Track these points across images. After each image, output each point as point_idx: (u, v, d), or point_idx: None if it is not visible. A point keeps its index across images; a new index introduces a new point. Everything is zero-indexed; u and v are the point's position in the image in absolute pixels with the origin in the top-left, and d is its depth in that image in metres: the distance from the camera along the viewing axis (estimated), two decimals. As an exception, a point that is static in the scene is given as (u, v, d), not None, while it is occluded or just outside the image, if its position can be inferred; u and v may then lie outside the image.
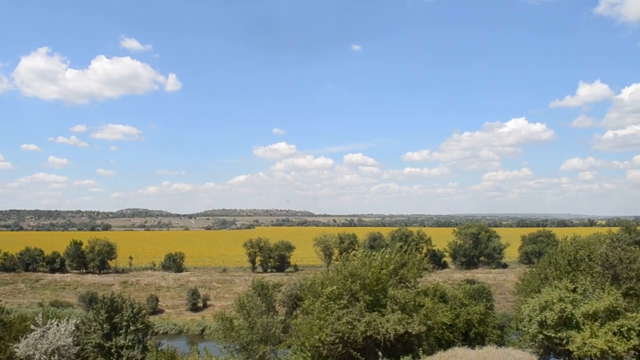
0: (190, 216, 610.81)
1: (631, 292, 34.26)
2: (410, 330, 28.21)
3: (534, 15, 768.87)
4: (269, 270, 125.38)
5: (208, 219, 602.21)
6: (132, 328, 44.48)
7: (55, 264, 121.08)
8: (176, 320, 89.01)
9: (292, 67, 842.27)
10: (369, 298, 29.36)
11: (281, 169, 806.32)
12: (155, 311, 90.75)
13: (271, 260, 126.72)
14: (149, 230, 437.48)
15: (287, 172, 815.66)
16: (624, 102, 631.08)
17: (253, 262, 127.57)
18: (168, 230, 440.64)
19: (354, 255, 33.06)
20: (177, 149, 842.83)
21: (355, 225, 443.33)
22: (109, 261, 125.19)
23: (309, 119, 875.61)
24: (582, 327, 28.99)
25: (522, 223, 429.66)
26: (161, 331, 79.54)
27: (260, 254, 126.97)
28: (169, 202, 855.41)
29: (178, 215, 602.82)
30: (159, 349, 41.32)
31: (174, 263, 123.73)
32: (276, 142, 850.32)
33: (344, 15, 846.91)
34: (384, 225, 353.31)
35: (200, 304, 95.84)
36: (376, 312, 28.85)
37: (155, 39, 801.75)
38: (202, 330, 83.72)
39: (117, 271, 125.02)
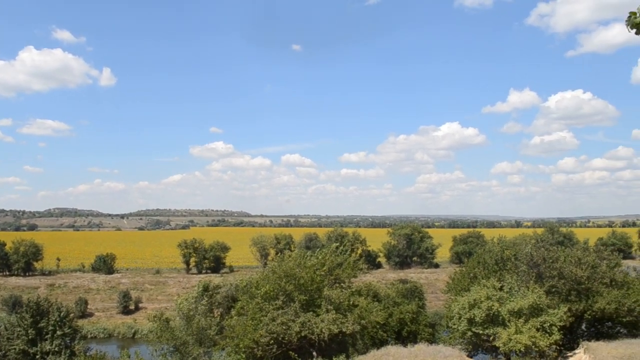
0: (122, 216, 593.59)
1: (553, 289, 35.93)
2: (344, 330, 28.59)
3: (469, 23, 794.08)
4: (203, 271, 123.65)
5: (141, 219, 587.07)
6: (58, 333, 42.93)
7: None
8: (106, 323, 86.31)
9: (231, 66, 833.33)
10: (304, 298, 29.54)
11: (218, 168, 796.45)
12: (84, 315, 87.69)
13: (206, 261, 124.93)
14: (78, 230, 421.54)
15: (224, 172, 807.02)
16: (550, 110, 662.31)
17: (187, 263, 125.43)
18: (99, 230, 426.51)
19: (289, 255, 33.17)
20: (110, 146, 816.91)
21: (291, 226, 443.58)
22: (34, 263, 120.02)
23: (247, 118, 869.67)
24: (508, 323, 30.24)
25: (453, 224, 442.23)
26: (90, 335, 76.90)
27: (195, 255, 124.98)
28: (100, 202, 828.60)
29: (109, 215, 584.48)
30: (88, 353, 40.03)
31: (104, 264, 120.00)
32: (213, 141, 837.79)
33: (284, 14, 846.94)
34: (320, 226, 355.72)
35: (132, 307, 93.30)
36: (311, 313, 29.05)
37: (90, 31, 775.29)
38: (134, 334, 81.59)
39: (43, 273, 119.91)
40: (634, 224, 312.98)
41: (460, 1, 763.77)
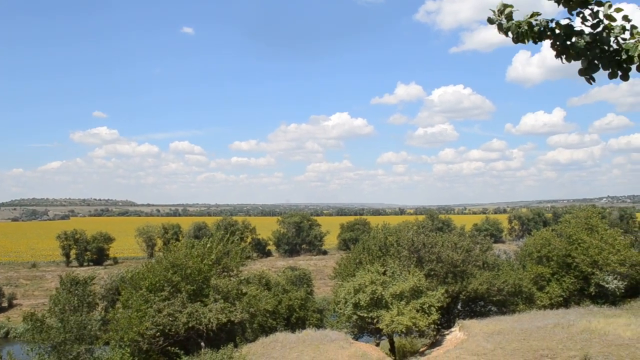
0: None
1: (432, 273, 38.12)
2: (233, 319, 28.61)
3: (360, 15, 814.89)
4: (85, 263, 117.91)
5: (15, 209, 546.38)
6: None
7: None
8: (-25, 323, 79.82)
9: (117, 47, 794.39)
10: (191, 288, 29.19)
11: (101, 155, 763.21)
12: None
13: (88, 253, 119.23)
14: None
15: (108, 159, 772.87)
16: (433, 103, 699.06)
17: (67, 255, 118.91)
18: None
19: (176, 245, 32.61)
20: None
21: (180, 215, 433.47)
22: None
23: (133, 103, 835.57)
24: (391, 306, 31.69)
25: (341, 212, 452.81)
26: (-45, 337, 70.83)
27: (75, 246, 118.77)
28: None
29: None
30: (-48, 355, 36.91)
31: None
32: (96, 127, 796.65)
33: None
34: (210, 215, 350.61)
35: (4, 304, 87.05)
36: (199, 303, 28.79)
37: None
38: (7, 333, 76.22)
39: None
40: (504, 211, 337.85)
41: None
